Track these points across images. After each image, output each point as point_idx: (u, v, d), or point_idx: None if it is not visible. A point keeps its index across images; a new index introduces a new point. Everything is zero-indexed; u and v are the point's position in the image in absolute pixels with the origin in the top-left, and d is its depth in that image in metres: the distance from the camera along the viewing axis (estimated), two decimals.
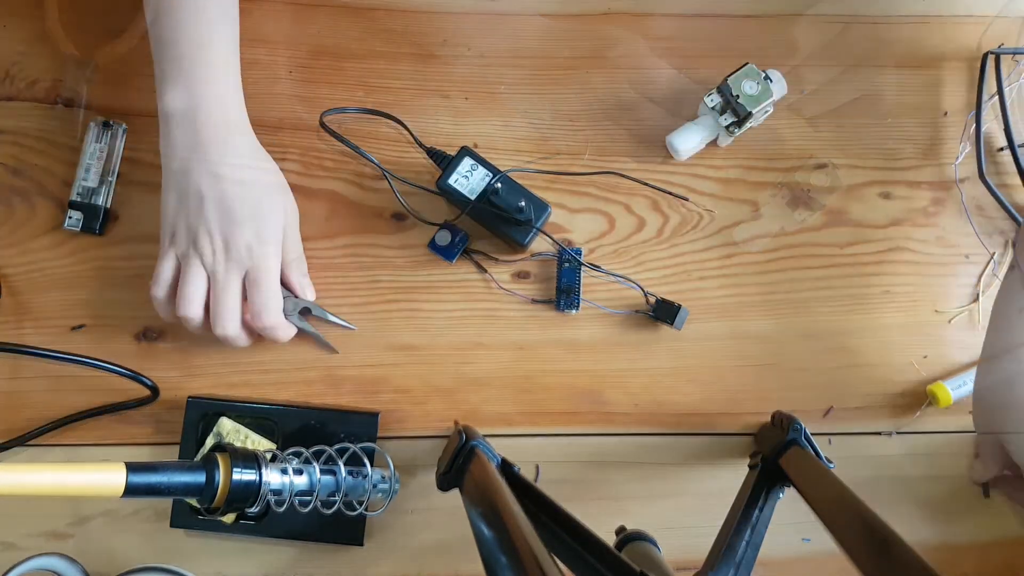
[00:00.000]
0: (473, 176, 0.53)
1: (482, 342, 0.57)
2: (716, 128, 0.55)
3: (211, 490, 0.41)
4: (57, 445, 0.56)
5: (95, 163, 0.55)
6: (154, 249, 0.56)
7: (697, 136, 0.55)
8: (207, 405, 0.55)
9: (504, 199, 0.52)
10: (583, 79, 0.58)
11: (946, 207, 0.59)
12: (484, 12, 0.58)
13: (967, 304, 0.59)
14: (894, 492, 0.59)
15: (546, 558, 0.34)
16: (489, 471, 0.45)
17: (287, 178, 0.57)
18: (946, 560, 0.59)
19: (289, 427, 0.55)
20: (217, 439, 0.54)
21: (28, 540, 0.56)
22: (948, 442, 0.59)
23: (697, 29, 0.58)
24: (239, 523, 0.55)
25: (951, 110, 0.59)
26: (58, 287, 0.56)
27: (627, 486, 0.58)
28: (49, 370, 0.56)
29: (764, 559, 0.47)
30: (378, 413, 0.56)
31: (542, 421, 0.58)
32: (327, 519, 0.52)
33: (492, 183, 0.52)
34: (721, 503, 0.51)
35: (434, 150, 0.55)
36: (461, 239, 0.56)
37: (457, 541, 0.57)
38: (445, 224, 0.56)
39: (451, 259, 0.57)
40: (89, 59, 0.56)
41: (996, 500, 0.59)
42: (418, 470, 0.57)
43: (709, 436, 0.58)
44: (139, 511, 0.56)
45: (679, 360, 0.58)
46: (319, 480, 0.48)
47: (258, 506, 0.44)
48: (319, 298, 0.56)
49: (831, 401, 0.58)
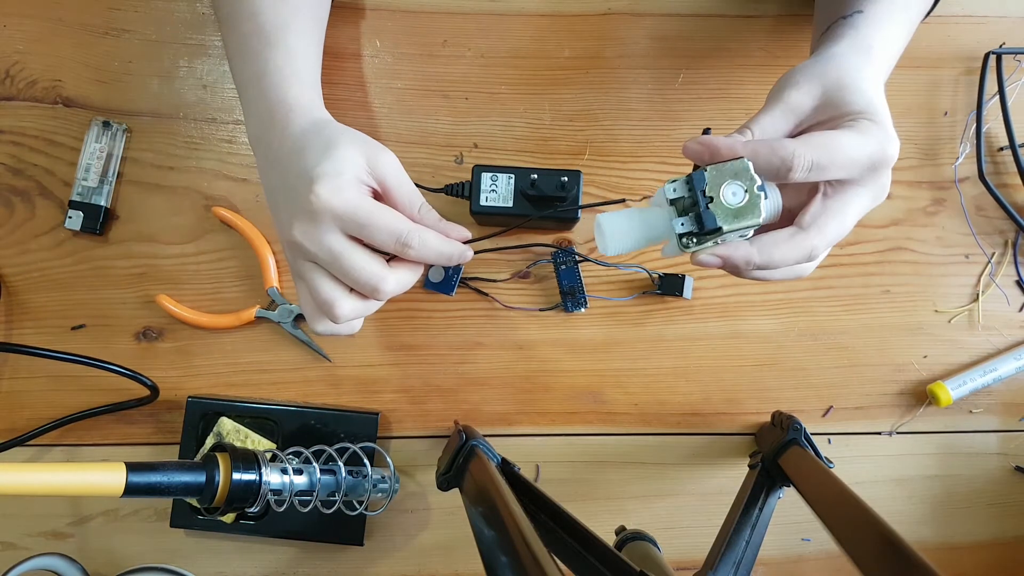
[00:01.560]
0: (499, 185, 0.52)
1: (482, 342, 0.57)
2: (665, 231, 0.38)
3: (211, 490, 0.41)
4: (57, 445, 0.56)
5: (95, 163, 0.55)
6: (154, 249, 0.57)
7: (635, 232, 0.38)
8: (207, 405, 0.55)
9: (541, 187, 0.51)
10: (583, 79, 0.58)
11: (946, 207, 0.59)
12: (484, 12, 0.58)
13: (967, 304, 0.59)
14: (894, 492, 0.59)
15: (546, 558, 0.34)
16: (489, 471, 0.45)
17: None
18: (946, 560, 0.59)
19: (289, 427, 0.55)
20: (217, 439, 0.54)
21: (28, 540, 0.56)
22: (948, 442, 0.59)
23: (697, 29, 0.58)
24: (239, 523, 0.55)
25: (951, 110, 0.59)
26: (58, 287, 0.56)
27: (627, 486, 0.58)
28: (49, 370, 0.56)
29: (764, 559, 0.47)
30: (378, 413, 0.56)
31: (542, 421, 0.58)
32: (327, 519, 0.53)
33: (527, 179, 0.51)
34: (721, 503, 0.51)
35: (450, 186, 0.54)
36: (455, 270, 0.56)
37: (457, 541, 0.57)
38: None
39: (450, 292, 0.57)
40: (90, 60, 0.57)
41: (995, 500, 0.59)
42: (418, 470, 0.57)
43: (709, 436, 0.58)
44: (139, 511, 0.56)
45: (679, 360, 0.58)
46: (319, 480, 0.48)
47: (258, 506, 0.44)
48: None
49: (831, 401, 0.58)
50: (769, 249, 0.37)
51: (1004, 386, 0.59)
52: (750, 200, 0.35)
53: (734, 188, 0.35)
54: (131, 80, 0.57)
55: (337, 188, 0.39)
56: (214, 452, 0.43)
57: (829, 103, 0.38)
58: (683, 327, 0.58)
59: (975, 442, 0.59)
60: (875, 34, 0.42)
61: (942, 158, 0.59)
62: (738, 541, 0.47)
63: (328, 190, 0.39)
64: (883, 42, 0.43)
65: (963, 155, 0.59)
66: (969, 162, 0.59)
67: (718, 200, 0.35)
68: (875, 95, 0.39)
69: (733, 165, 0.35)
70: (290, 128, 0.43)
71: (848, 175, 0.37)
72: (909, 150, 0.59)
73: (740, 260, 0.37)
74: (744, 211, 0.35)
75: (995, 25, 0.59)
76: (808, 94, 0.39)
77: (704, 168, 0.35)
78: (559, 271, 0.57)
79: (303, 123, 0.43)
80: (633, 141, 0.58)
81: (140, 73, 0.57)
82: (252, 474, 0.43)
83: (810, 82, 0.39)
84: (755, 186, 0.35)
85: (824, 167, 0.35)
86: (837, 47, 0.41)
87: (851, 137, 0.36)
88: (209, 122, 0.57)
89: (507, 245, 0.56)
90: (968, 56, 0.59)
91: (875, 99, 0.38)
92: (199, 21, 0.57)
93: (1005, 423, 0.59)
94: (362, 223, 0.40)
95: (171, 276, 0.57)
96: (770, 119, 0.38)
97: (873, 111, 0.38)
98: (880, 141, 0.37)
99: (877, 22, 0.43)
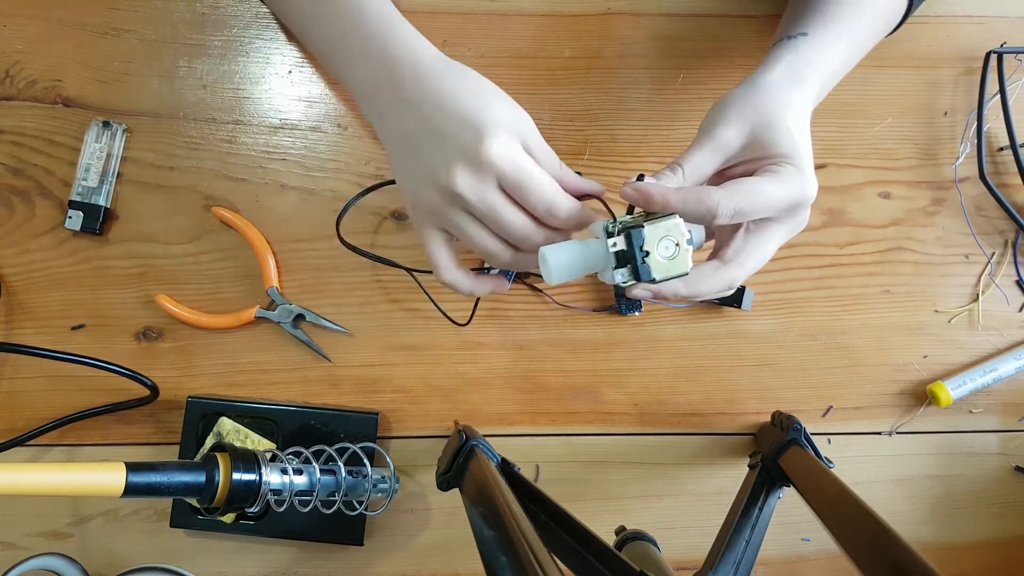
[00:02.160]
0: None
1: (482, 342, 0.57)
2: (603, 262, 0.40)
3: (211, 490, 0.41)
4: (57, 445, 0.56)
5: (95, 163, 0.55)
6: (154, 248, 0.56)
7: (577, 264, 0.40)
8: (207, 405, 0.55)
9: None
10: (583, 79, 0.58)
11: (946, 207, 0.59)
12: (484, 12, 0.58)
13: (967, 304, 0.59)
14: (894, 492, 0.59)
15: (546, 558, 0.34)
16: (489, 471, 0.45)
17: (289, 179, 0.57)
18: (946, 560, 0.59)
19: (289, 427, 0.55)
20: (217, 439, 0.54)
21: (28, 540, 0.56)
22: (948, 442, 0.59)
23: (697, 29, 0.58)
24: (239, 523, 0.55)
25: (951, 110, 0.59)
26: (58, 287, 0.56)
27: (627, 486, 0.58)
28: (49, 370, 0.56)
29: (764, 559, 0.47)
30: (378, 413, 0.56)
31: (542, 421, 0.58)
32: (327, 519, 0.53)
33: None
34: (721, 503, 0.51)
35: None
36: None
37: (457, 541, 0.57)
38: None
39: (506, 287, 0.56)
40: (90, 60, 0.56)
41: (995, 500, 0.59)
42: (418, 470, 0.57)
43: (709, 436, 0.58)
44: (139, 511, 0.56)
45: (679, 360, 0.58)
46: (319, 480, 0.48)
47: (258, 506, 0.44)
48: (317, 301, 0.56)
49: (831, 401, 0.58)
50: (694, 283, 0.40)
51: (1004, 386, 0.59)
52: (680, 254, 0.38)
53: (667, 243, 0.38)
54: (131, 80, 0.57)
55: (508, 144, 0.39)
56: (214, 452, 0.43)
57: (756, 143, 0.41)
58: (683, 327, 0.58)
59: (975, 442, 0.59)
60: (815, 58, 0.44)
61: (942, 158, 0.59)
62: (738, 541, 0.47)
63: (500, 145, 0.39)
64: (822, 66, 0.44)
65: (963, 155, 0.59)
66: (969, 162, 0.59)
67: (653, 255, 0.38)
68: (799, 135, 0.41)
69: (666, 223, 0.38)
70: (423, 68, 0.41)
71: (768, 216, 0.40)
72: (909, 150, 0.59)
73: (669, 294, 0.40)
74: (675, 264, 0.38)
75: (995, 25, 0.59)
76: (737, 133, 0.41)
77: (642, 226, 0.38)
78: None
79: (438, 65, 0.42)
80: (633, 141, 0.58)
81: (140, 73, 0.57)
82: (252, 474, 0.43)
83: (739, 119, 0.41)
84: (684, 240, 0.38)
85: (746, 212, 0.39)
86: (772, 74, 0.43)
87: (772, 184, 0.40)
88: (209, 122, 0.57)
89: None
90: (968, 56, 0.59)
91: (798, 141, 0.41)
92: (199, 21, 0.57)
93: (1005, 423, 0.59)
94: (523, 185, 0.40)
95: (171, 276, 0.57)
96: (700, 157, 0.41)
97: (796, 155, 0.40)
98: (799, 186, 0.40)
99: (819, 46, 0.44)
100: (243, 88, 0.57)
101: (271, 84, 0.57)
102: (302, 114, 0.57)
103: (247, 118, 0.57)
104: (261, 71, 0.57)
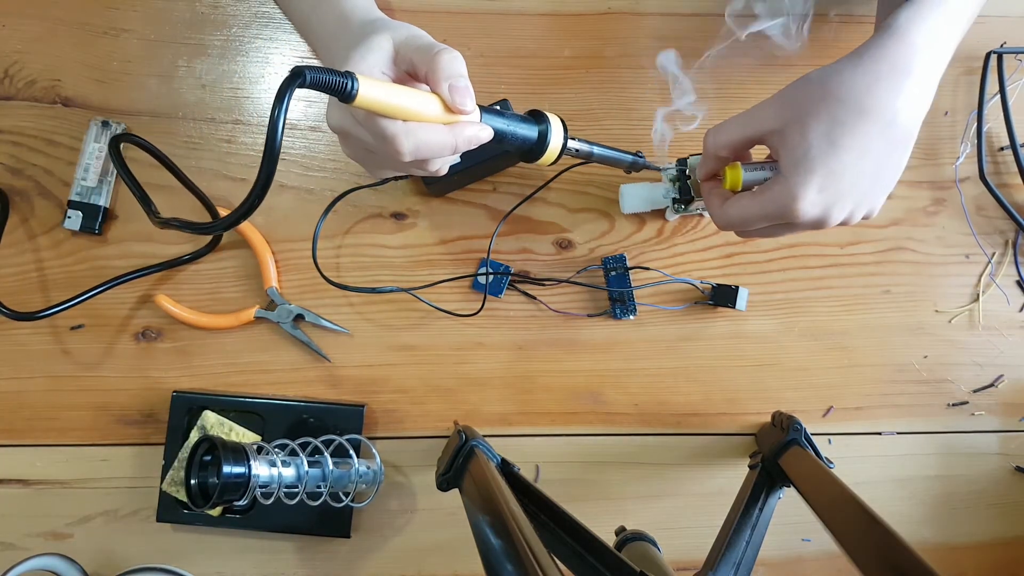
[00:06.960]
0: None
1: (482, 342, 0.57)
2: (664, 199, 0.53)
3: (542, 148, 0.42)
4: (57, 445, 0.56)
5: (94, 163, 0.55)
6: (153, 249, 0.56)
7: (644, 198, 0.54)
8: (192, 399, 0.55)
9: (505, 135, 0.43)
10: (583, 79, 0.58)
11: (946, 207, 0.59)
12: (484, 12, 0.58)
13: (967, 304, 0.59)
14: (894, 492, 0.59)
15: (546, 559, 0.34)
16: (489, 471, 0.45)
17: (289, 179, 0.57)
18: (946, 560, 0.59)
19: (273, 420, 0.55)
20: (201, 432, 0.54)
21: (28, 540, 0.56)
22: (948, 442, 0.59)
23: (697, 29, 0.58)
24: (225, 516, 0.55)
25: (951, 110, 0.59)
26: (58, 287, 0.56)
27: (627, 486, 0.58)
28: (49, 370, 0.56)
29: (764, 559, 0.47)
30: (363, 405, 0.56)
31: (542, 421, 0.58)
32: (313, 512, 0.52)
33: None
34: (721, 503, 0.51)
35: None
36: (504, 269, 0.56)
37: (456, 541, 0.57)
38: (484, 261, 0.56)
39: (499, 294, 0.57)
40: (89, 60, 0.56)
41: (995, 500, 0.59)
42: (418, 470, 0.57)
43: (709, 436, 0.58)
44: (138, 511, 0.56)
45: (679, 360, 0.58)
46: (307, 472, 0.48)
47: (246, 499, 0.44)
48: (316, 301, 0.56)
49: (831, 401, 0.58)
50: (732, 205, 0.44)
51: (1004, 386, 0.59)
52: None
53: None
54: (130, 80, 0.57)
55: None
56: (542, 112, 0.43)
57: (780, 135, 0.40)
58: (683, 327, 0.58)
59: (975, 442, 0.59)
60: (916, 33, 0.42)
61: (942, 158, 0.59)
62: (738, 541, 0.47)
63: None
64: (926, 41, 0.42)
65: (964, 155, 0.59)
66: (970, 162, 0.59)
67: (694, 178, 0.50)
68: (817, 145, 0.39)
69: None
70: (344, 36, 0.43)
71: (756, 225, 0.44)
72: None
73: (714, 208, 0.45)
74: None
75: (995, 25, 0.59)
76: (773, 118, 0.41)
77: (688, 157, 0.51)
78: (608, 277, 0.56)
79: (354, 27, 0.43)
80: (633, 141, 0.58)
81: (139, 73, 0.57)
82: (241, 467, 0.44)
83: (780, 106, 0.41)
84: None
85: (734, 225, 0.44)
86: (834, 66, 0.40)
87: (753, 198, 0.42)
88: (208, 122, 0.57)
89: None
90: (968, 56, 0.59)
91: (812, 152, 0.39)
92: (198, 21, 0.57)
93: (1005, 423, 0.59)
94: None
95: (170, 276, 0.57)
96: (733, 123, 0.43)
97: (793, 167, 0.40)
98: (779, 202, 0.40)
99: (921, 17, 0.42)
100: (242, 88, 0.57)
101: (270, 84, 0.57)
102: (302, 114, 0.57)
103: (246, 118, 0.57)
104: (260, 71, 0.57)
